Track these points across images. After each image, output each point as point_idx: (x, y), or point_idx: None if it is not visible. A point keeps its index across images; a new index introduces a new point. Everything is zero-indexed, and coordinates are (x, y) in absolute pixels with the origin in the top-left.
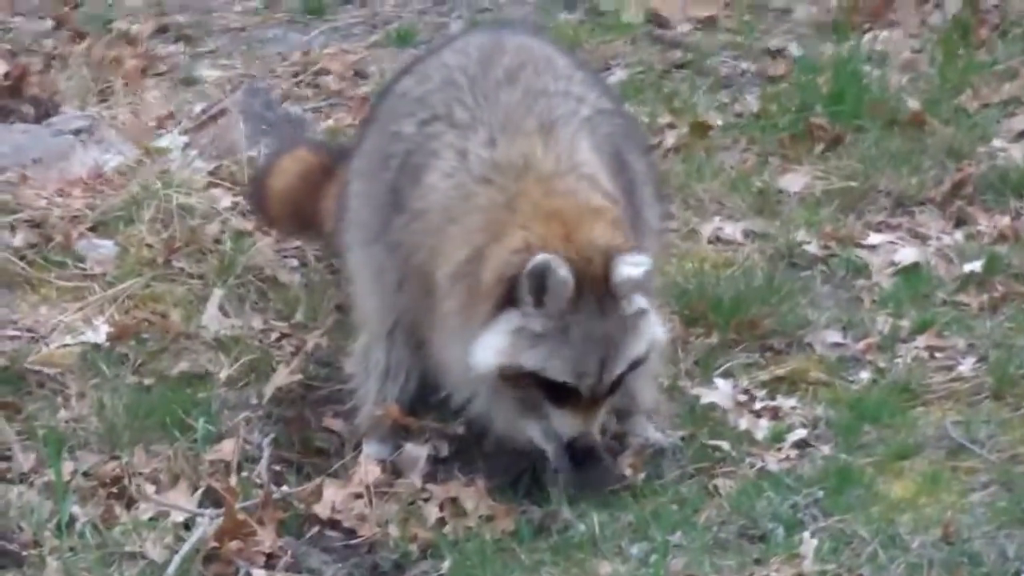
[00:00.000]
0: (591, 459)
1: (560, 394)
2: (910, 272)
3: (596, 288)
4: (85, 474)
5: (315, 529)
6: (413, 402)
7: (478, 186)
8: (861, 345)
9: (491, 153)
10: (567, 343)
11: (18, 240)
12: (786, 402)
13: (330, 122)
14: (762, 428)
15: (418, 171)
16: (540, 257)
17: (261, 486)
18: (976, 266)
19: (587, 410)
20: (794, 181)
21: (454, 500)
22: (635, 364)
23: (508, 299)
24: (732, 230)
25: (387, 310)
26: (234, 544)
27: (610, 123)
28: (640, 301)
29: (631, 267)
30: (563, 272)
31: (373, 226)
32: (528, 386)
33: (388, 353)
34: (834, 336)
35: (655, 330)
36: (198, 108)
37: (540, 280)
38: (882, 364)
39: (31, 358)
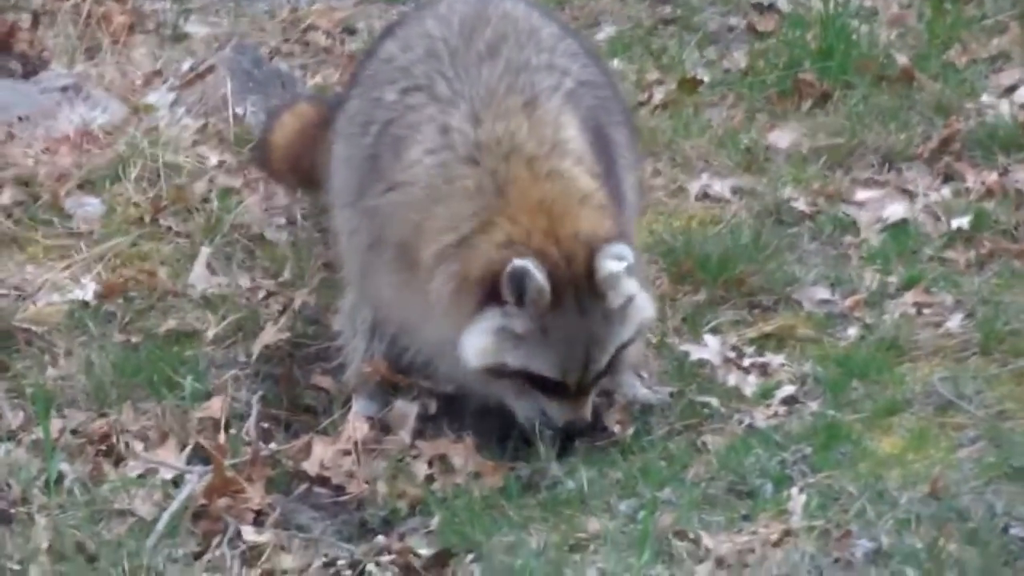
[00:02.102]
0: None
1: (548, 386)
2: (898, 228)
3: (578, 286)
4: (73, 432)
5: (304, 486)
6: (401, 359)
7: (463, 166)
8: (849, 302)
9: (475, 131)
10: (549, 343)
11: (5, 198)
12: (774, 359)
13: (318, 79)
14: (750, 384)
15: (399, 143)
16: (518, 263)
17: (249, 443)
18: (964, 222)
19: (576, 398)
20: (782, 138)
21: (442, 457)
22: (623, 347)
23: (491, 296)
24: (720, 187)
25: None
26: (223, 501)
27: (593, 95)
28: (627, 288)
29: (614, 262)
30: (540, 277)
31: (351, 188)
32: (517, 378)
33: (375, 311)
34: (822, 293)
35: (643, 313)
36: (186, 65)
37: (519, 284)
38: (870, 320)
39: (18, 316)
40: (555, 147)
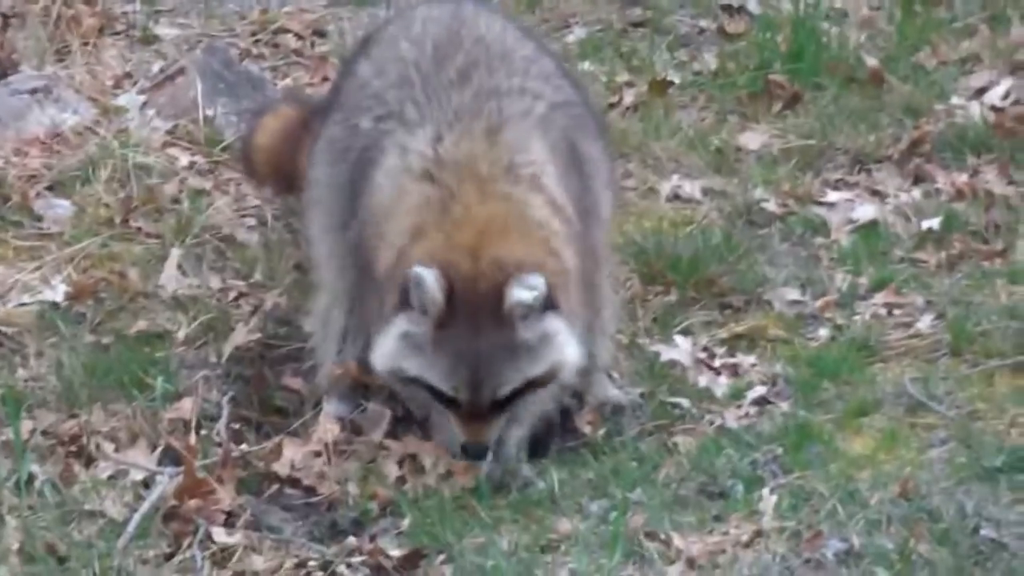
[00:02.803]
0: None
1: (445, 401)
2: (868, 230)
3: (479, 306)
4: (44, 433)
5: (275, 487)
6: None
7: (415, 183)
8: (819, 303)
9: (433, 151)
10: (440, 355)
11: None
12: (745, 359)
13: (288, 81)
14: (721, 385)
15: (367, 168)
16: (417, 269)
17: (220, 444)
18: (934, 223)
19: (474, 421)
20: (752, 139)
21: (413, 457)
22: (532, 385)
23: (404, 302)
24: (690, 188)
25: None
26: (193, 502)
27: (566, 115)
28: (546, 325)
29: (524, 291)
30: (434, 287)
31: (333, 213)
32: (419, 388)
33: (347, 314)
34: (792, 294)
35: (563, 353)
36: (156, 67)
37: (418, 291)
38: (840, 321)
39: None
40: (510, 171)
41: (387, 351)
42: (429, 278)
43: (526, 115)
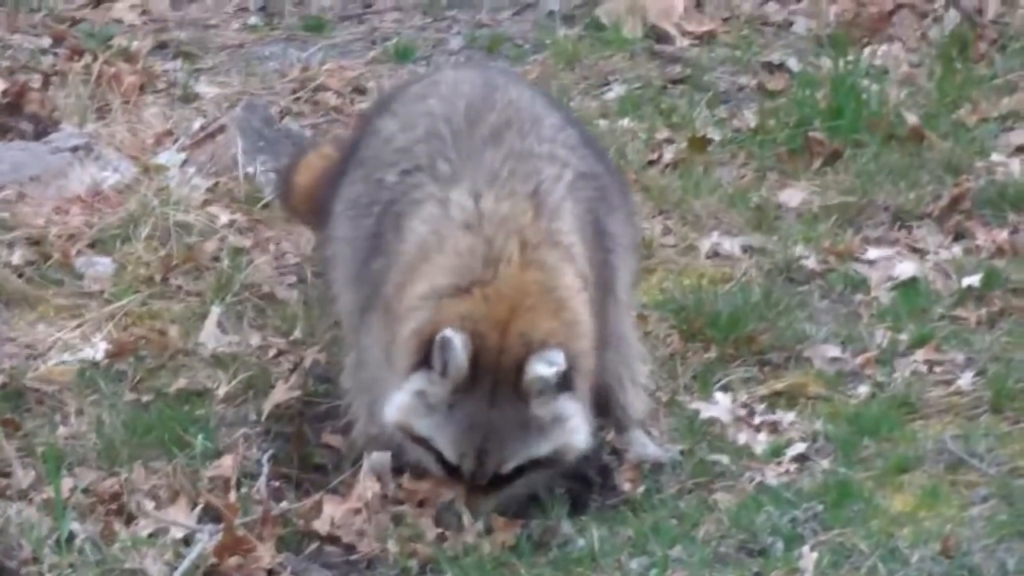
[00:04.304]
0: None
1: (447, 468)
2: (908, 287)
3: (499, 379)
4: (84, 491)
5: (314, 545)
6: None
7: (459, 231)
8: (860, 359)
9: (476, 204)
10: (452, 421)
11: (16, 258)
12: (785, 416)
13: (329, 138)
14: (761, 442)
15: (399, 218)
16: (447, 333)
17: (260, 502)
18: (974, 280)
19: (474, 491)
20: (792, 196)
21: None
22: (537, 464)
23: (426, 359)
24: (730, 245)
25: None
26: (233, 560)
27: (591, 186)
28: (561, 406)
29: (544, 366)
30: (461, 354)
31: (352, 267)
32: (425, 449)
33: (378, 372)
34: (833, 351)
35: (573, 437)
36: (196, 125)
37: (443, 353)
38: (881, 378)
39: (30, 375)
40: (549, 238)
41: (400, 406)
42: (457, 343)
43: (557, 181)
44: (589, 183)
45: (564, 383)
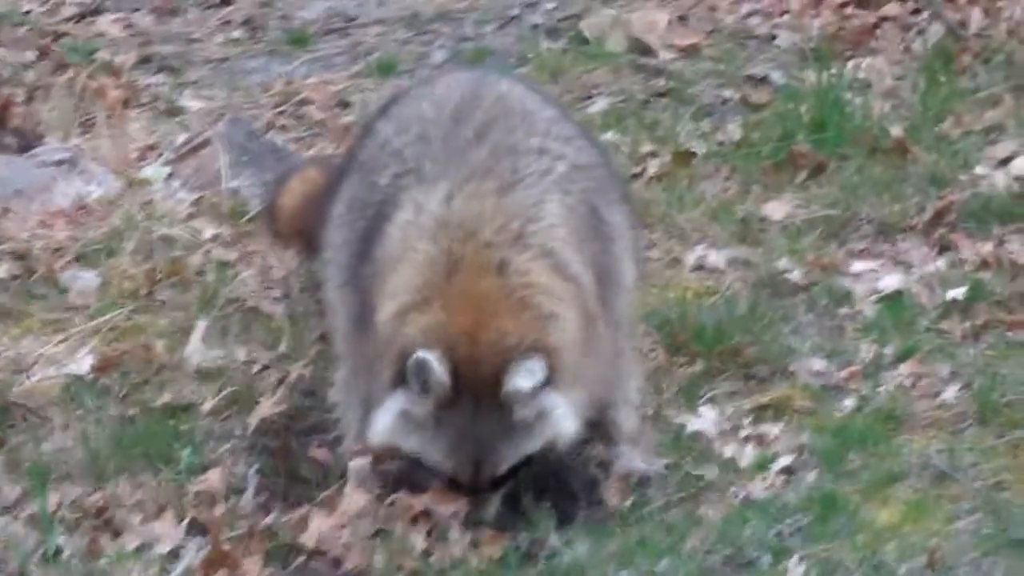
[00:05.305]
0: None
1: (442, 479)
2: (893, 300)
3: (478, 391)
4: (70, 505)
5: (301, 559)
6: None
7: (422, 242)
8: (844, 373)
9: (444, 210)
10: (440, 437)
11: (1, 272)
12: (771, 430)
13: (312, 152)
14: (747, 456)
15: (382, 221)
16: (420, 355)
17: (246, 516)
18: (959, 293)
19: (474, 497)
20: (776, 209)
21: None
22: (530, 460)
23: (402, 377)
24: (715, 258)
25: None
26: (220, 574)
27: (588, 177)
28: (543, 402)
29: (522, 378)
30: (440, 372)
31: (346, 270)
32: (419, 464)
33: (369, 384)
34: (817, 364)
35: (560, 427)
36: (180, 139)
37: (420, 375)
38: (865, 392)
39: (14, 390)
40: (518, 238)
41: (384, 428)
42: (434, 362)
43: (544, 175)
44: (585, 174)
45: (545, 380)
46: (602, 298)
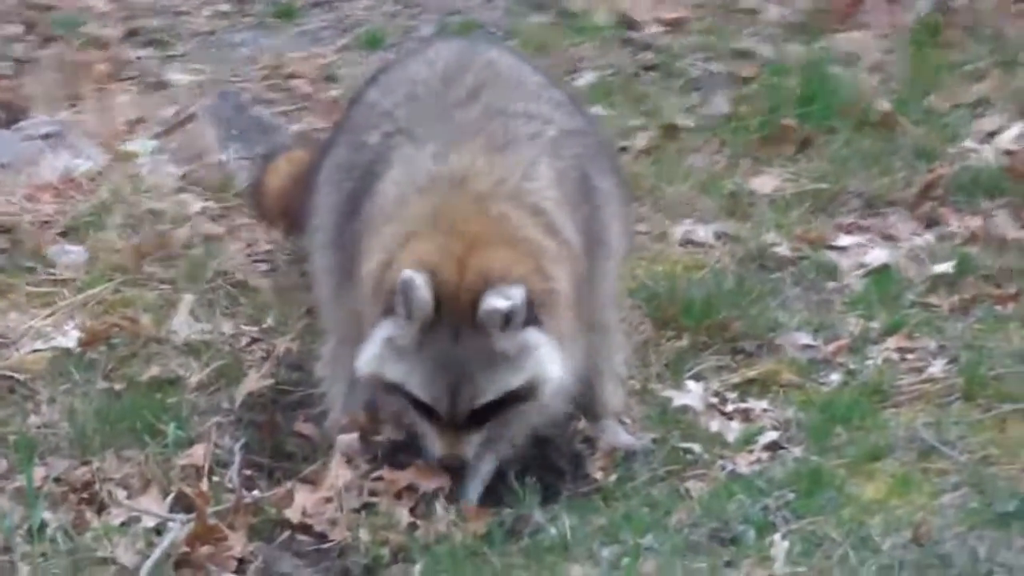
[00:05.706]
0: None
1: (424, 411)
2: (880, 274)
3: (461, 314)
4: (56, 480)
5: (286, 534)
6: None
7: (416, 195)
8: (831, 347)
9: (436, 165)
10: (421, 361)
11: None
12: (757, 404)
13: (300, 126)
14: (733, 430)
15: (373, 179)
16: (407, 273)
17: (232, 491)
18: (947, 267)
19: (452, 434)
20: (764, 183)
21: (425, 502)
22: (512, 398)
23: (390, 307)
24: (703, 232)
25: (347, 313)
26: (205, 549)
27: (578, 143)
28: (528, 337)
29: (499, 299)
30: (425, 291)
31: (331, 231)
32: (400, 397)
33: (355, 357)
34: (804, 338)
35: (544, 367)
36: (168, 112)
37: (406, 294)
38: (852, 366)
39: (1, 363)
40: (512, 195)
41: (370, 356)
42: (419, 281)
43: (534, 138)
44: (575, 140)
45: (529, 318)
46: (591, 265)
